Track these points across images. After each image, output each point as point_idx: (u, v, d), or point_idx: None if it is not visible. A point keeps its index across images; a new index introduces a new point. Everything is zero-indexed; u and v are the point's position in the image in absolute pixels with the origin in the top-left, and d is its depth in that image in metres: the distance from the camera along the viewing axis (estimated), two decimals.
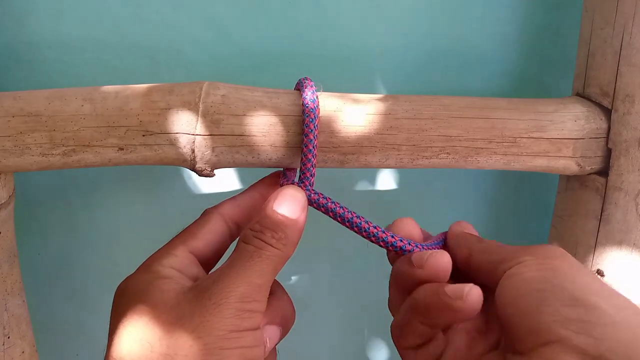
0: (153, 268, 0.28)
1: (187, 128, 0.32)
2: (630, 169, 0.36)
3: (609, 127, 0.37)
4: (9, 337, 0.35)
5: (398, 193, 0.51)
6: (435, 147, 0.35)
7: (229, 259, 0.28)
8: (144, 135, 0.32)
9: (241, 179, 0.48)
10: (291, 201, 0.29)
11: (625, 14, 0.36)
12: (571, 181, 0.40)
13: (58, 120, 0.32)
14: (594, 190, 0.38)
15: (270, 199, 0.29)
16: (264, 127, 0.32)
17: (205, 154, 0.32)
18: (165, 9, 0.43)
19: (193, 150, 0.32)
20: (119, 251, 0.49)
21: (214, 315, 0.25)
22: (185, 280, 0.28)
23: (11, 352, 0.36)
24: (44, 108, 0.32)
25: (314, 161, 0.32)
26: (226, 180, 0.48)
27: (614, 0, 0.36)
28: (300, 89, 0.33)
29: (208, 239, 0.31)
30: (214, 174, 0.34)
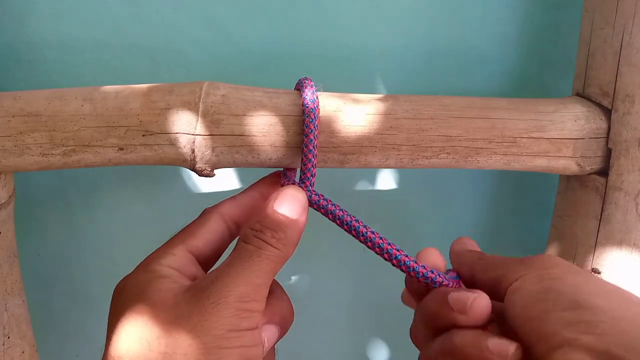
0: (151, 267, 0.28)
1: (187, 128, 0.32)
2: (630, 169, 0.36)
3: (609, 127, 0.37)
4: (9, 337, 0.35)
5: (398, 193, 0.51)
6: (435, 147, 0.35)
7: (228, 258, 0.28)
8: (144, 135, 0.32)
9: (241, 178, 0.48)
10: (292, 201, 0.29)
11: (625, 14, 0.36)
12: (571, 181, 0.40)
13: (58, 120, 0.32)
14: (594, 190, 0.38)
15: (271, 199, 0.29)
16: (264, 127, 0.32)
17: (205, 154, 0.32)
18: (165, 9, 0.43)
19: (193, 150, 0.32)
20: (118, 251, 0.49)
21: (212, 314, 0.25)
22: (184, 280, 0.28)
23: (11, 352, 0.36)
24: (44, 108, 0.32)
25: (314, 161, 0.32)
26: (226, 180, 0.48)
27: (614, 0, 0.36)
28: (300, 89, 0.33)
29: (207, 238, 0.31)
30: (214, 174, 0.34)
